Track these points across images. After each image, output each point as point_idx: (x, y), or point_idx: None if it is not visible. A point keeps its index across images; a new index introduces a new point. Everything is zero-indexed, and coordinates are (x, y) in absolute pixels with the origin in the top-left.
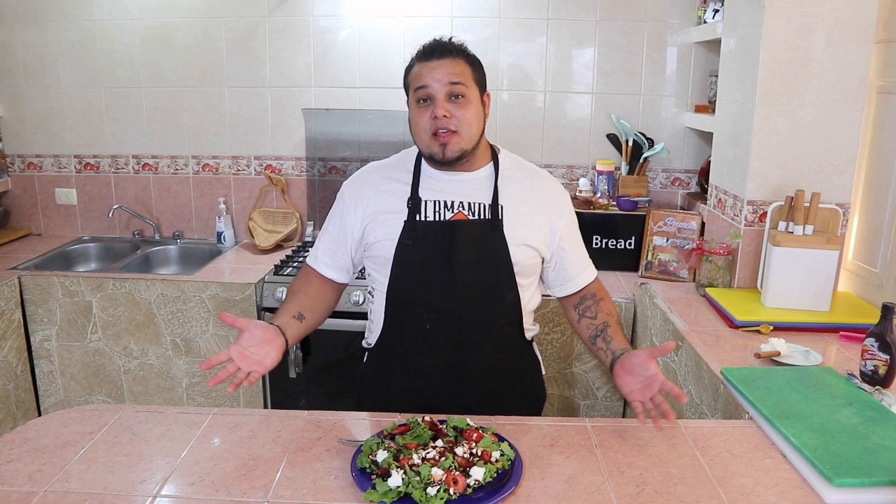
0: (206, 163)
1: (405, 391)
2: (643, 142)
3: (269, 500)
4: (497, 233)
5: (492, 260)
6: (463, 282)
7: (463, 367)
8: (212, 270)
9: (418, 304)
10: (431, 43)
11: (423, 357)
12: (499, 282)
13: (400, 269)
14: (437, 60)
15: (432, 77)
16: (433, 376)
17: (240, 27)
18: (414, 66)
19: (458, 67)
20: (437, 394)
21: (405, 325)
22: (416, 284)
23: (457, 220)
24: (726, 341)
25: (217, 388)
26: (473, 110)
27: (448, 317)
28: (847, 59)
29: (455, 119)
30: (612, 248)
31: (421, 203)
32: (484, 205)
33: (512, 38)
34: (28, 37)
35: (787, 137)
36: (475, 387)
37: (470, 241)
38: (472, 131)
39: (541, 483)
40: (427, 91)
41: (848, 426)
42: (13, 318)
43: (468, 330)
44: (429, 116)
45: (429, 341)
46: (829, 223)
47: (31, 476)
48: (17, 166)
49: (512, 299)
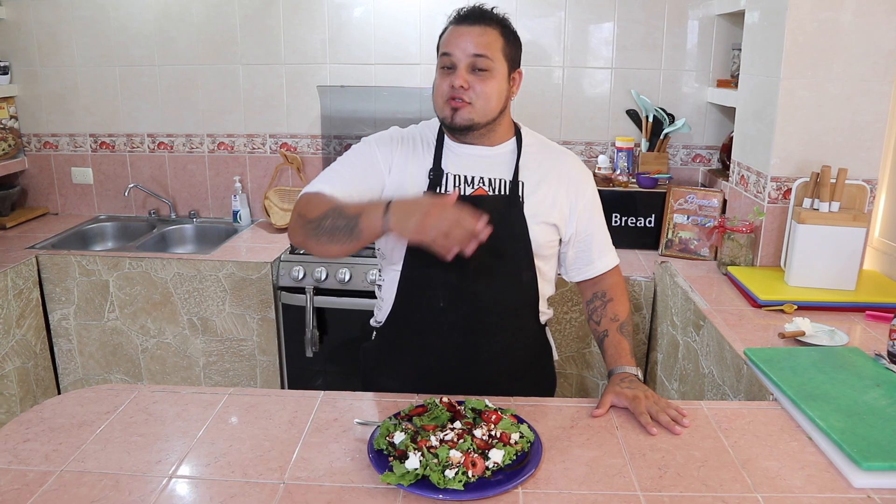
0: (221, 141)
1: (414, 370)
2: (664, 118)
3: (285, 481)
4: (517, 210)
5: (510, 238)
6: (479, 259)
7: (475, 348)
8: (228, 249)
9: (433, 281)
10: (469, 7)
11: (434, 336)
12: (517, 260)
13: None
14: (467, 27)
15: (457, 45)
16: (444, 356)
17: (254, 3)
18: (447, 29)
19: (488, 38)
20: (447, 374)
21: (418, 303)
22: (433, 261)
23: (477, 195)
24: (749, 321)
25: (233, 367)
26: (495, 86)
27: (463, 295)
28: (876, 31)
29: (472, 91)
30: (631, 227)
31: (443, 175)
32: (504, 181)
33: (530, 13)
34: (41, 15)
35: (813, 112)
36: (486, 369)
37: (489, 217)
38: (490, 106)
39: (561, 465)
40: (451, 59)
41: (876, 408)
42: (31, 297)
43: (482, 310)
44: (448, 83)
45: (441, 320)
46: (855, 200)
47: (48, 455)
48: (34, 146)
49: (529, 279)
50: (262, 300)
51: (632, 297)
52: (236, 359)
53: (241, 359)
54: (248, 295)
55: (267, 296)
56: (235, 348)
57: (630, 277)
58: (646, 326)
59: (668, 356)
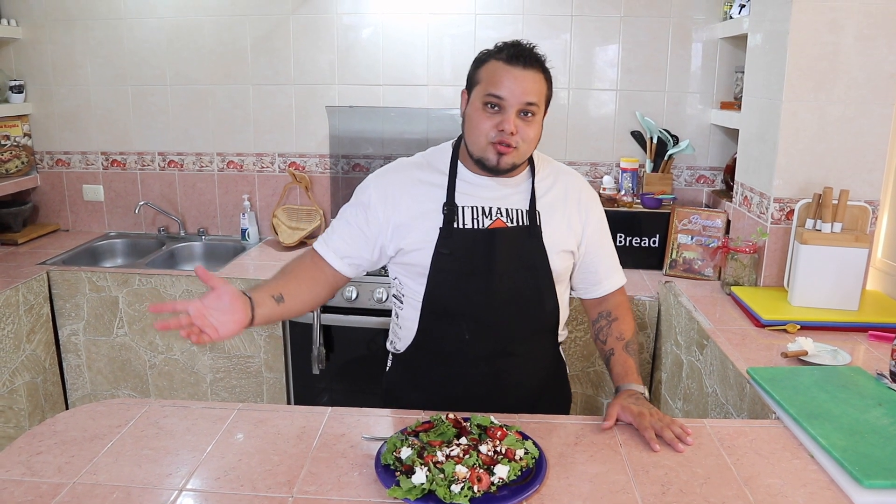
0: (230, 160)
1: (439, 398)
2: (668, 139)
3: (293, 495)
4: (536, 240)
5: (531, 268)
6: (502, 291)
7: (499, 375)
8: (236, 267)
9: (456, 314)
10: (517, 47)
11: (459, 366)
12: (538, 290)
13: (437, 278)
14: (521, 70)
15: (511, 90)
16: (469, 385)
17: (264, 25)
18: (490, 63)
19: (538, 85)
20: (472, 401)
21: (442, 334)
22: (455, 294)
23: (495, 227)
24: (752, 340)
25: (240, 383)
26: (537, 129)
27: (487, 326)
28: (877, 54)
29: (519, 136)
30: (636, 246)
31: (458, 209)
32: (522, 210)
33: (535, 35)
34: (56, 35)
35: (815, 134)
36: (509, 394)
37: (510, 249)
38: (531, 149)
39: (565, 482)
40: (501, 101)
41: (878, 427)
42: (42, 313)
43: (507, 339)
44: (494, 124)
45: (467, 350)
46: (857, 221)
47: (60, 468)
48: (46, 163)
49: (552, 307)
50: None
51: (636, 316)
52: (243, 375)
53: (248, 375)
54: None
55: None
56: (242, 365)
57: (634, 297)
58: (650, 346)
59: (672, 375)
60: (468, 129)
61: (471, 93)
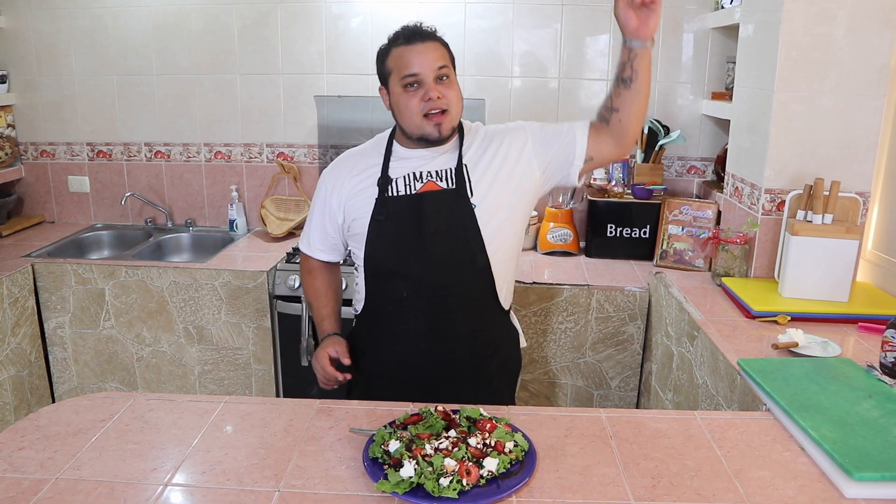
0: (218, 150)
1: (389, 354)
2: (659, 129)
3: (280, 489)
4: (463, 200)
5: (460, 227)
6: (434, 250)
7: (441, 330)
8: (224, 258)
9: (394, 274)
10: (409, 28)
11: (403, 322)
12: (468, 247)
13: (374, 243)
14: (421, 44)
15: (421, 63)
16: (414, 340)
17: (252, 14)
18: (393, 51)
19: (441, 51)
20: (418, 356)
21: (385, 294)
22: (390, 256)
23: (424, 191)
24: (743, 332)
25: (229, 375)
26: (457, 88)
27: (423, 284)
28: (868, 45)
29: (445, 99)
30: (626, 237)
31: (391, 181)
32: (450, 168)
33: (526, 24)
34: (40, 25)
35: (807, 125)
36: (454, 350)
37: (437, 211)
38: (459, 108)
39: (555, 474)
40: (417, 77)
41: (868, 419)
42: (27, 305)
43: (443, 295)
44: (419, 99)
45: (407, 307)
46: (848, 212)
47: (43, 463)
48: (31, 154)
49: (482, 263)
50: (258, 309)
51: (626, 307)
52: (232, 368)
53: (237, 367)
54: (243, 304)
55: (263, 305)
56: (231, 357)
57: (624, 288)
58: (640, 337)
59: (662, 366)
60: (399, 115)
61: (388, 86)
